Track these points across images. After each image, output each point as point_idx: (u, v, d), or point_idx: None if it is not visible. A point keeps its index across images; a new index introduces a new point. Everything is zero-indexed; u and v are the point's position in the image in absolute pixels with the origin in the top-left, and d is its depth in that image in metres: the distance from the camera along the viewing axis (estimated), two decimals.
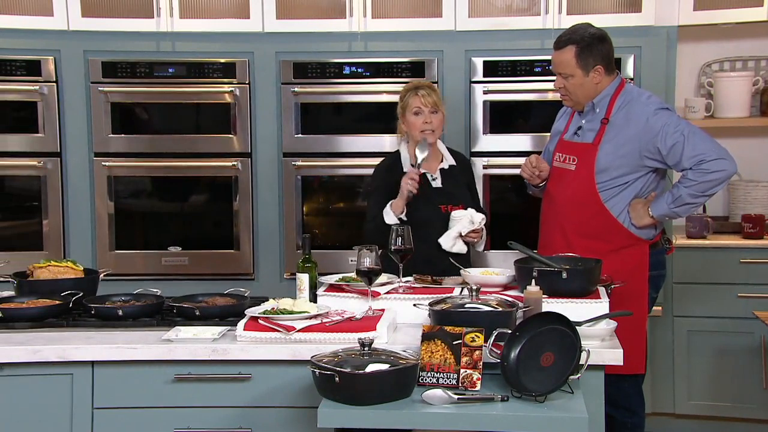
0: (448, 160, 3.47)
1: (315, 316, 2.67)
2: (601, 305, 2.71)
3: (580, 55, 3.19)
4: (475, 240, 3.34)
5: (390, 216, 3.28)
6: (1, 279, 3.09)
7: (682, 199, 3.13)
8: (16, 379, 2.58)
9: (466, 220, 3.27)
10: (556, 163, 3.33)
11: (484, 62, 4.13)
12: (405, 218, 3.27)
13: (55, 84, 4.18)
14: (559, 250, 3.14)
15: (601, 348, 2.49)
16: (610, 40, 3.25)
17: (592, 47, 3.20)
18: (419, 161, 3.26)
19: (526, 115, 4.22)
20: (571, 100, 3.27)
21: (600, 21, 4.03)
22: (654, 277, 3.30)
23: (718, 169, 3.08)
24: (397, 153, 3.49)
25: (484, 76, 4.14)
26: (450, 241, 3.28)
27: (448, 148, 3.56)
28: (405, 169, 3.38)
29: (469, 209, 3.32)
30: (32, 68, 4.15)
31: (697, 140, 3.11)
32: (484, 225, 3.36)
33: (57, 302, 2.84)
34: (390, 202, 3.30)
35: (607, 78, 3.24)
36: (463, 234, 3.27)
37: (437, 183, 3.41)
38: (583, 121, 3.29)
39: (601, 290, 2.84)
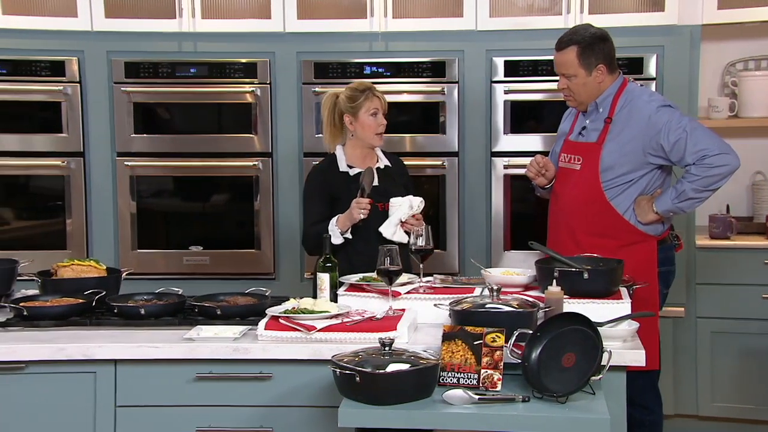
0: (383, 161, 3.47)
1: (336, 316, 2.67)
2: (623, 306, 2.69)
3: (582, 55, 3.21)
4: (418, 229, 3.24)
5: (336, 235, 3.24)
6: (26, 278, 3.12)
7: (686, 194, 3.15)
8: (40, 376, 2.60)
9: (405, 206, 3.25)
10: (562, 163, 3.37)
11: (505, 62, 4.12)
12: (350, 236, 3.27)
13: (78, 84, 4.22)
14: (567, 248, 3.15)
15: (623, 349, 2.48)
16: (611, 40, 3.27)
17: (594, 47, 3.22)
18: (367, 190, 3.23)
19: (547, 115, 4.19)
20: (575, 100, 3.30)
21: (622, 20, 4.02)
22: (664, 273, 3.31)
23: (721, 163, 3.10)
24: (333, 156, 3.45)
25: (505, 75, 4.13)
26: (391, 229, 3.25)
27: (383, 151, 3.52)
28: (341, 169, 3.38)
29: (408, 196, 3.29)
30: (56, 69, 4.19)
31: (700, 135, 3.13)
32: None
33: (80, 301, 2.86)
34: (336, 217, 3.27)
35: (609, 77, 3.26)
36: (403, 220, 3.25)
37: (374, 182, 3.39)
38: (587, 121, 3.32)
39: (623, 291, 2.82)
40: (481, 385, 2.31)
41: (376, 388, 2.23)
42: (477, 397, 2.24)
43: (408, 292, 2.85)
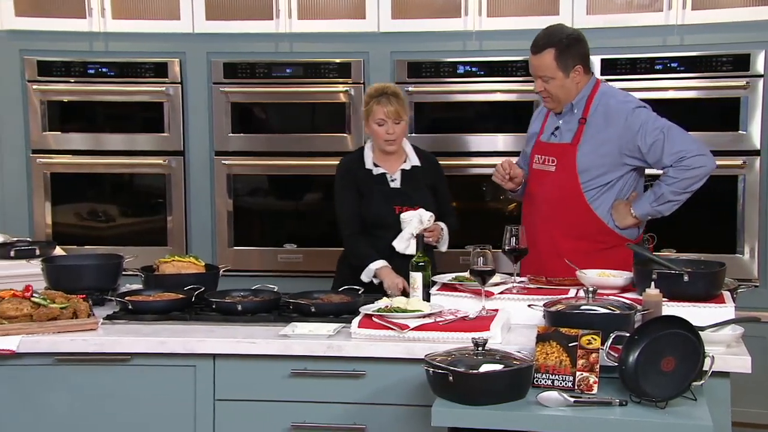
0: (412, 161, 3.40)
1: (428, 315, 2.68)
2: (726, 310, 2.61)
3: (560, 57, 3.16)
4: (431, 239, 3.25)
5: (368, 276, 3.26)
6: (130, 273, 3.24)
7: (665, 197, 3.12)
8: (144, 368, 2.69)
9: (416, 221, 3.23)
10: (535, 165, 3.30)
11: (602, 60, 4.04)
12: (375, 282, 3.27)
13: (180, 85, 4.34)
14: (544, 251, 3.15)
15: (727, 354, 2.40)
16: (585, 40, 3.24)
17: (571, 48, 3.18)
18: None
19: None
20: (553, 101, 3.24)
21: (727, 15, 3.89)
22: None
23: (698, 165, 3.08)
24: (361, 151, 3.45)
25: (602, 74, 4.04)
26: (403, 243, 3.24)
27: (416, 147, 3.47)
28: (367, 167, 3.37)
29: (419, 210, 3.26)
30: (159, 70, 4.33)
31: (676, 137, 3.10)
32: (446, 227, 3.31)
33: (181, 296, 2.94)
34: (380, 266, 3.23)
35: (584, 77, 3.22)
36: (414, 234, 3.22)
37: (396, 184, 3.37)
38: (560, 122, 3.27)
39: (726, 295, 2.73)
40: (576, 387, 2.28)
41: (470, 388, 2.22)
42: (572, 399, 2.21)
43: (501, 293, 2.83)
